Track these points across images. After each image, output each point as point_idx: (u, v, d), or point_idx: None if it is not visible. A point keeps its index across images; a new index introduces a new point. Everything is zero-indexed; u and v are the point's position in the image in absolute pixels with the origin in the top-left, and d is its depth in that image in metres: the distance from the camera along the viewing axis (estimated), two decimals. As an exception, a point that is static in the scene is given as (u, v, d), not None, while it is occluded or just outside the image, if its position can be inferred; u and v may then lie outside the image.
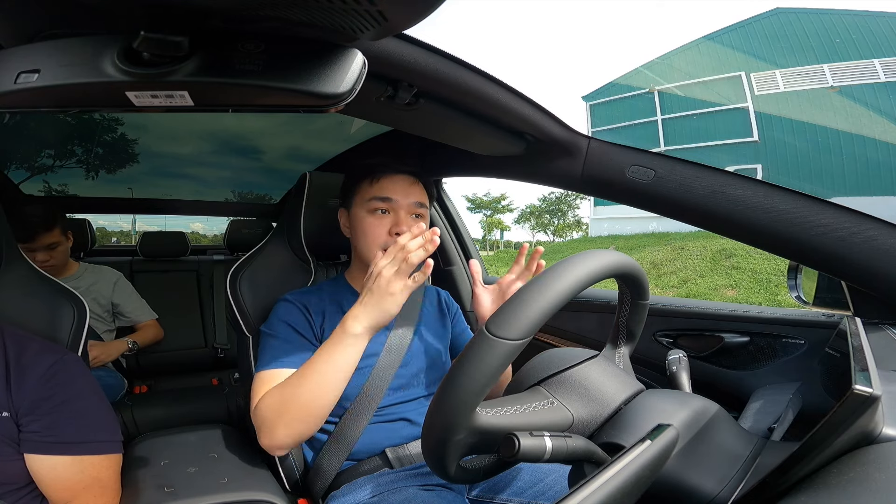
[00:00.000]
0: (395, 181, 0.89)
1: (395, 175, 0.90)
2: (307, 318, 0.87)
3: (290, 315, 0.87)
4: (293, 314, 0.87)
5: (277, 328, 0.85)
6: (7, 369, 0.66)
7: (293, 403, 0.73)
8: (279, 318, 0.86)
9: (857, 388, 0.33)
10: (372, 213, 0.88)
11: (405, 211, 0.88)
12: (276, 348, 0.82)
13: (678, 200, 0.80)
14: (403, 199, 0.88)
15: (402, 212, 0.88)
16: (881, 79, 10.28)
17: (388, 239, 0.86)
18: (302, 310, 0.88)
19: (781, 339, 0.91)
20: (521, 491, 0.81)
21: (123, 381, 1.72)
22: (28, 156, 1.98)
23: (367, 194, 0.89)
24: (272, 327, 0.86)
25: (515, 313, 0.44)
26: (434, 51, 0.60)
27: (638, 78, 13.89)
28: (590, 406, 0.51)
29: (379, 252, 0.76)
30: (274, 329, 0.85)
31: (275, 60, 0.37)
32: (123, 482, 0.77)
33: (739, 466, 0.45)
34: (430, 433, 0.46)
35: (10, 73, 0.37)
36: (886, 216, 0.68)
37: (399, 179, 0.90)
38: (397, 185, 0.89)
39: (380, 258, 0.73)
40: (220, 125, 1.82)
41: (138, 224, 10.71)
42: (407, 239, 0.71)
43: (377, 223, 0.87)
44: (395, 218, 0.88)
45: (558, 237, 25.00)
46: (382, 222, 0.87)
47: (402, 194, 0.88)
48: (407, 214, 0.88)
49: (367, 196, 0.88)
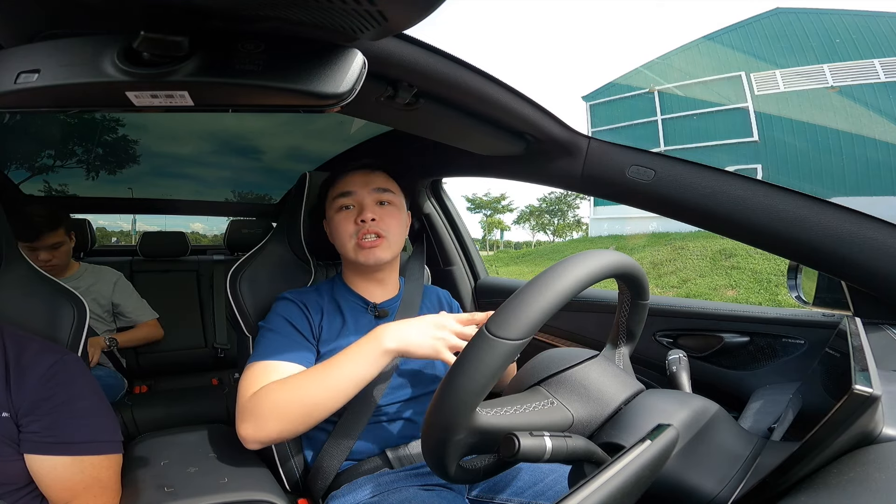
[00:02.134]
0: (354, 176, 0.93)
1: (353, 172, 0.94)
2: (306, 316, 0.88)
3: (289, 312, 0.87)
4: (292, 311, 0.87)
5: (276, 323, 0.86)
6: (7, 369, 0.66)
7: (296, 402, 0.73)
8: (278, 314, 0.87)
9: (857, 388, 0.33)
10: (339, 211, 0.92)
11: (370, 199, 0.91)
12: (273, 341, 0.83)
13: (678, 200, 0.80)
14: (362, 189, 0.91)
15: (365, 200, 0.91)
16: (881, 79, 10.28)
17: (355, 227, 0.89)
18: (301, 307, 0.88)
19: (781, 339, 0.91)
20: (521, 491, 0.81)
21: (123, 381, 1.72)
22: (28, 156, 1.98)
23: (332, 195, 0.94)
24: (270, 322, 0.87)
25: (515, 313, 0.44)
26: (434, 51, 0.60)
27: (638, 78, 13.88)
28: (590, 406, 0.51)
29: (469, 320, 0.80)
30: (272, 324, 0.86)
31: (275, 60, 0.37)
32: (123, 482, 0.77)
33: (739, 466, 0.45)
34: (430, 433, 0.46)
35: (10, 73, 0.37)
36: (886, 216, 0.68)
37: (356, 173, 0.94)
38: (355, 177, 0.93)
39: (459, 319, 0.79)
40: (220, 125, 1.82)
41: (138, 224, 10.72)
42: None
43: (344, 218, 0.91)
44: (358, 208, 0.91)
45: (558, 237, 25.01)
46: (349, 216, 0.91)
47: (361, 184, 0.92)
48: (372, 203, 0.91)
49: (333, 196, 0.93)
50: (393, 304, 0.95)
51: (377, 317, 0.92)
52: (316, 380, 0.74)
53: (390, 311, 0.94)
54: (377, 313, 0.93)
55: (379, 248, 0.89)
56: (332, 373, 0.74)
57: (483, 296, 1.53)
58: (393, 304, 0.96)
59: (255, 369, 0.80)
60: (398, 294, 0.98)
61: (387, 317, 0.93)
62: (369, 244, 0.88)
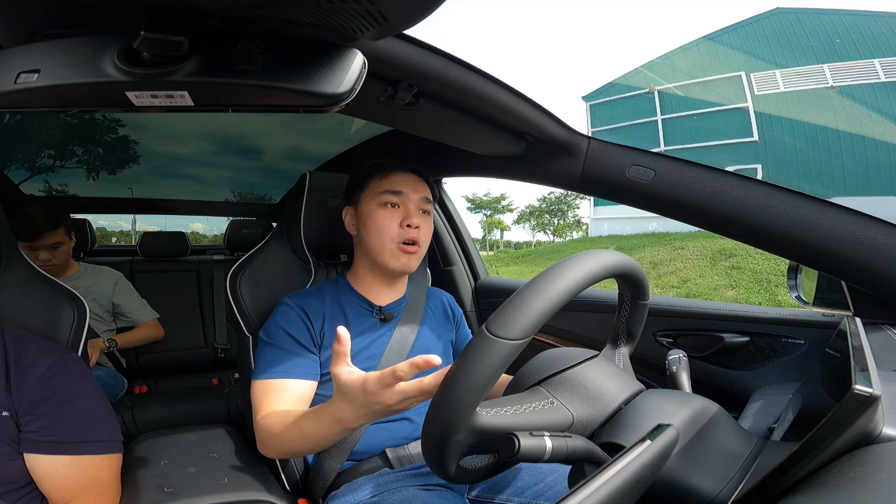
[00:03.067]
0: (405, 177, 0.91)
1: (404, 172, 0.92)
2: (306, 324, 0.86)
3: (288, 321, 0.86)
4: (292, 321, 0.86)
5: (275, 335, 0.85)
6: (7, 369, 0.66)
7: (287, 439, 0.72)
8: (277, 325, 0.86)
9: (857, 388, 0.33)
10: (383, 207, 0.89)
11: (414, 205, 0.90)
12: (273, 357, 0.82)
13: (678, 200, 0.80)
14: (413, 193, 0.90)
15: (411, 205, 0.89)
16: (881, 79, 10.27)
17: (399, 231, 0.87)
18: (301, 315, 0.87)
19: (781, 339, 0.91)
20: (521, 491, 0.81)
21: (123, 381, 1.72)
22: (28, 156, 1.98)
23: (377, 188, 0.90)
24: (270, 334, 0.85)
25: (515, 313, 0.44)
26: (434, 51, 0.60)
27: (638, 78, 13.88)
28: (590, 406, 0.51)
29: (395, 392, 0.56)
30: (272, 336, 0.85)
31: (275, 60, 0.37)
32: (123, 482, 0.77)
33: (739, 466, 0.45)
34: (430, 433, 0.46)
35: (10, 73, 0.37)
36: (887, 216, 0.68)
37: (408, 175, 0.92)
38: (407, 179, 0.91)
39: (394, 398, 0.56)
40: (220, 125, 1.83)
41: (138, 224, 10.71)
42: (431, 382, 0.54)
43: (388, 216, 0.88)
44: (405, 211, 0.89)
45: (558, 237, 24.99)
46: (394, 215, 0.88)
47: (412, 188, 0.90)
48: (416, 209, 0.90)
49: (378, 190, 0.89)
50: (398, 307, 0.95)
51: (382, 320, 0.92)
52: (296, 430, 0.70)
53: (395, 314, 0.93)
54: (382, 316, 0.92)
55: (415, 256, 0.89)
56: (309, 432, 0.69)
57: (483, 296, 1.53)
58: (398, 306, 0.95)
59: (258, 389, 0.81)
60: (404, 296, 0.97)
61: (392, 320, 0.92)
62: (409, 250, 0.88)
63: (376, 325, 0.91)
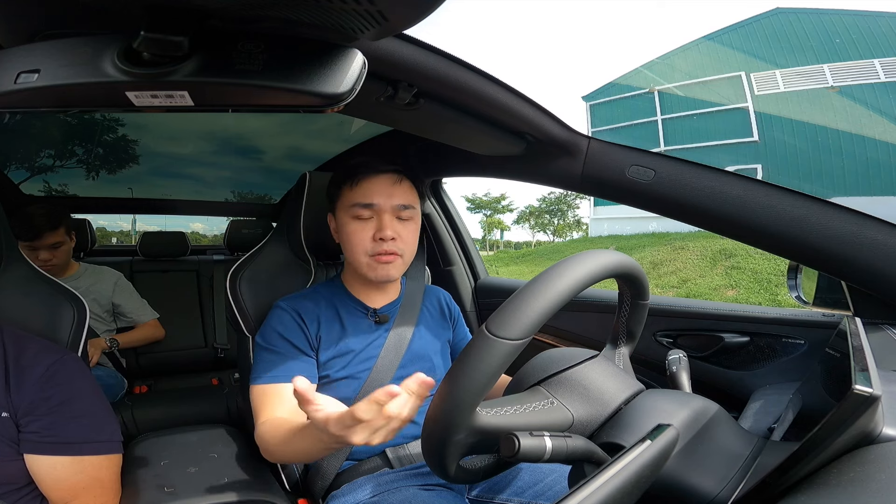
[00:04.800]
0: (376, 183, 0.86)
1: (376, 176, 0.86)
2: (301, 326, 0.86)
3: (283, 324, 0.85)
4: (287, 324, 0.85)
5: (271, 339, 0.84)
6: (6, 369, 0.66)
7: (283, 452, 0.74)
8: (272, 328, 0.85)
9: (857, 388, 0.33)
10: (355, 220, 0.85)
11: (389, 214, 0.85)
12: (269, 361, 0.82)
13: (678, 200, 0.80)
14: (386, 202, 0.85)
15: (385, 215, 0.85)
16: (881, 79, 10.28)
17: (373, 244, 0.84)
18: (295, 318, 0.86)
19: (781, 339, 0.91)
20: (521, 491, 0.81)
21: (123, 381, 1.72)
22: (28, 156, 1.98)
23: (348, 200, 0.86)
24: (265, 338, 0.85)
25: (515, 313, 0.44)
26: (434, 51, 0.60)
27: (638, 78, 13.88)
28: (590, 406, 0.51)
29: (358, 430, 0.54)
30: (267, 340, 0.85)
31: (275, 60, 0.37)
32: (123, 482, 0.77)
33: (739, 466, 0.45)
34: (430, 433, 0.46)
35: (10, 73, 0.37)
36: (887, 216, 0.68)
37: (380, 181, 0.86)
38: (379, 187, 0.85)
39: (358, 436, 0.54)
40: (220, 125, 1.82)
41: (138, 224, 10.71)
42: (395, 408, 0.51)
43: (360, 229, 0.85)
44: (377, 223, 0.85)
45: (558, 237, 24.99)
46: (366, 227, 0.85)
47: (385, 196, 0.85)
48: (391, 217, 0.85)
49: (349, 202, 0.86)
50: (393, 308, 0.94)
51: (377, 322, 0.91)
52: (288, 445, 0.70)
53: (391, 316, 0.93)
54: (377, 319, 0.91)
55: (393, 265, 0.86)
56: (297, 447, 0.69)
57: (483, 296, 1.53)
58: (393, 307, 0.95)
59: (256, 394, 0.81)
60: (399, 297, 0.97)
61: (387, 322, 0.92)
62: (384, 261, 0.85)
63: (371, 327, 0.91)
